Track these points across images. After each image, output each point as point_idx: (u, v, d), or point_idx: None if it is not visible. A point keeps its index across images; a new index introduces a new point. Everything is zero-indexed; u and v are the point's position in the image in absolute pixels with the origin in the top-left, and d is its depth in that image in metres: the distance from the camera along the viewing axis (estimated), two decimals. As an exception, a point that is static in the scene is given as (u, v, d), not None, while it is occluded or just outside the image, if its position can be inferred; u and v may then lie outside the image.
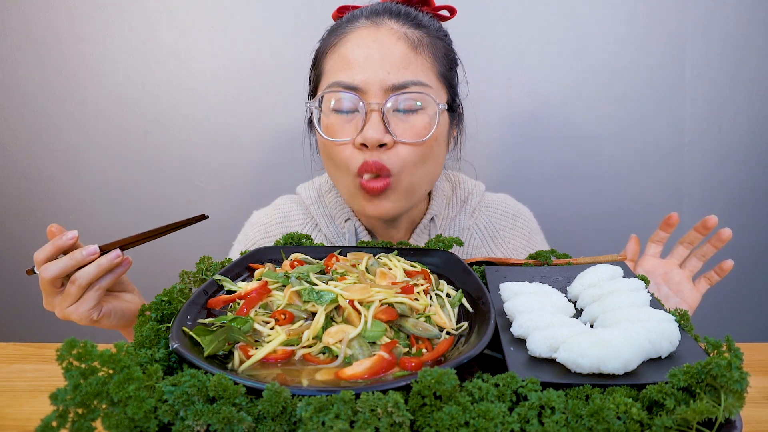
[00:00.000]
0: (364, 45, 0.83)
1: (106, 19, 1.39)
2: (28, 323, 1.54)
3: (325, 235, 1.00)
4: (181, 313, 0.58)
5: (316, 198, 1.03)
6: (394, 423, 0.42)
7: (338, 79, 0.83)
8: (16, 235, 1.49)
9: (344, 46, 0.85)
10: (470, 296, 0.66)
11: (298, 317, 0.59)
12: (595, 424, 0.42)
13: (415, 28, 0.86)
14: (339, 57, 0.85)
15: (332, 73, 0.85)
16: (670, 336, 0.51)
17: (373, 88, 0.81)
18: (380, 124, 0.81)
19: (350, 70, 0.82)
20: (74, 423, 0.41)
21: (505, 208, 1.08)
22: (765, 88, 1.40)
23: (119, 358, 0.43)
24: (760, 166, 1.44)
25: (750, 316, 1.51)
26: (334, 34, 0.88)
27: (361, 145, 0.82)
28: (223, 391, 0.43)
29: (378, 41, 0.83)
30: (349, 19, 0.88)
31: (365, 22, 0.86)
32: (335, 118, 0.84)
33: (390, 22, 0.85)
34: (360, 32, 0.85)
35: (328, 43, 0.89)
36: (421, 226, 0.99)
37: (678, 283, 0.95)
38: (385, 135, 0.81)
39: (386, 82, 0.81)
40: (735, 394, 0.42)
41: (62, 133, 1.44)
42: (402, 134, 0.82)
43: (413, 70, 0.83)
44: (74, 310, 0.74)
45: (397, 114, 0.83)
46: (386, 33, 0.83)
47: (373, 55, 0.82)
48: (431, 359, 0.54)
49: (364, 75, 0.81)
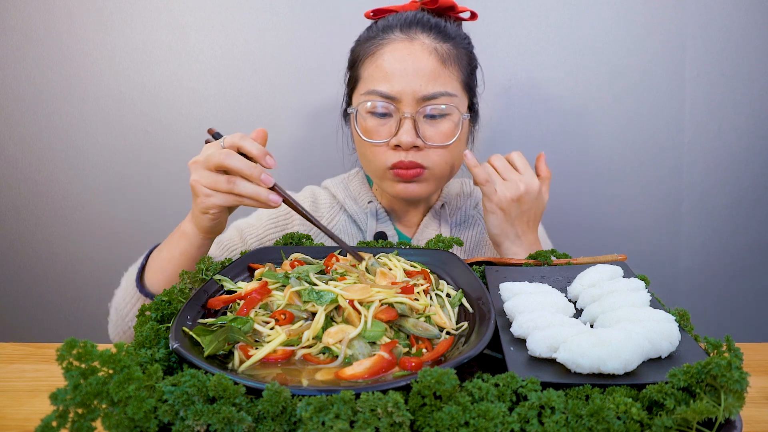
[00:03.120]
0: (400, 58, 0.94)
1: (106, 19, 1.39)
2: (28, 323, 1.54)
3: (349, 215, 1.10)
4: (181, 313, 0.58)
5: (342, 185, 1.14)
6: (394, 423, 0.42)
7: (376, 88, 0.94)
8: (16, 235, 1.49)
9: (381, 57, 0.95)
10: (470, 296, 0.66)
11: (298, 317, 0.59)
12: (595, 424, 0.42)
13: (444, 41, 0.97)
14: (377, 67, 0.96)
15: (370, 81, 0.96)
16: (670, 336, 0.51)
17: (406, 98, 0.93)
18: (412, 130, 0.94)
19: (387, 81, 0.94)
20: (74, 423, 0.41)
21: None
22: (765, 88, 1.40)
23: (119, 358, 0.43)
24: (759, 166, 1.44)
25: (750, 316, 1.51)
26: (371, 43, 0.98)
27: (396, 146, 0.95)
28: (223, 391, 0.43)
29: (412, 55, 0.94)
30: (383, 29, 0.98)
31: (400, 35, 0.96)
32: (371, 120, 0.96)
33: (422, 36, 0.96)
34: (395, 45, 0.95)
35: (365, 50, 0.99)
36: (433, 211, 1.11)
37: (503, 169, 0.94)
38: (417, 139, 0.94)
39: (418, 93, 0.93)
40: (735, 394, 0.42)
41: (62, 133, 1.44)
42: (430, 138, 0.95)
43: (442, 82, 0.94)
44: (207, 193, 0.77)
45: (426, 120, 0.95)
46: (419, 47, 0.94)
47: (408, 68, 0.93)
48: (431, 359, 0.54)
49: (400, 86, 0.93)
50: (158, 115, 1.43)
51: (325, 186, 1.16)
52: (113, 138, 1.44)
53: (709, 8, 1.37)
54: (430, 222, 1.09)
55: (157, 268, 0.87)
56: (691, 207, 1.46)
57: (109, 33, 1.39)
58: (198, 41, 1.40)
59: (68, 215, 1.47)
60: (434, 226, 1.09)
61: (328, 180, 1.17)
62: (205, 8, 1.38)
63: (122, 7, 1.38)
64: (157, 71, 1.41)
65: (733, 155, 1.43)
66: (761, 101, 1.41)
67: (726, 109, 1.41)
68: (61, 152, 1.45)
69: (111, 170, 1.46)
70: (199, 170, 0.77)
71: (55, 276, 1.51)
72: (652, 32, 1.38)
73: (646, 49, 1.39)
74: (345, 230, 1.08)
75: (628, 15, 1.38)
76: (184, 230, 0.85)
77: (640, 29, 1.38)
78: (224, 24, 1.39)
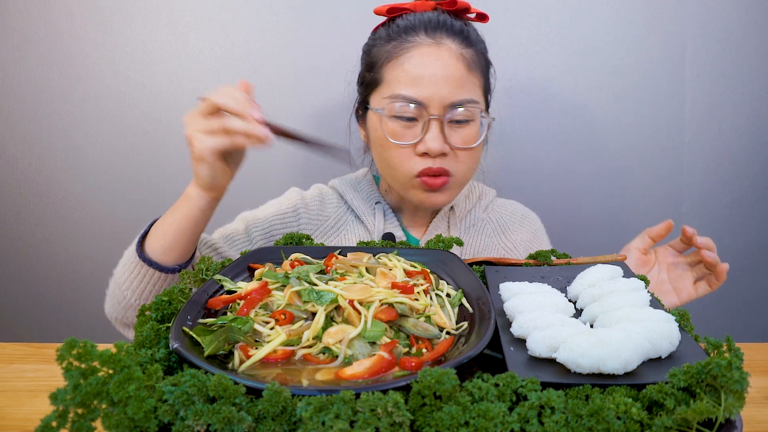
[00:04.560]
0: (429, 64, 0.93)
1: (106, 19, 1.39)
2: (28, 323, 1.54)
3: (356, 215, 1.08)
4: (181, 313, 0.58)
5: (350, 186, 1.13)
6: (394, 423, 0.42)
7: (404, 93, 0.93)
8: (16, 235, 1.49)
9: (408, 61, 0.94)
10: (470, 296, 0.66)
11: (298, 317, 0.59)
12: (595, 424, 0.42)
13: (468, 47, 0.97)
14: (403, 71, 0.94)
15: (396, 84, 0.94)
16: (670, 336, 0.51)
17: (434, 103, 0.92)
18: (440, 135, 0.93)
19: (415, 86, 0.92)
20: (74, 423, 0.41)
21: (515, 209, 1.20)
22: (765, 87, 1.40)
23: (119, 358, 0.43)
24: (760, 166, 1.44)
25: (750, 316, 1.51)
26: (394, 44, 0.96)
27: (423, 154, 0.94)
28: (223, 391, 0.43)
29: (440, 61, 0.93)
30: (406, 31, 0.96)
31: (426, 39, 0.95)
32: (396, 124, 0.95)
33: (448, 41, 0.95)
34: (423, 50, 0.94)
35: (388, 52, 0.97)
36: (442, 213, 1.10)
37: (679, 276, 0.98)
38: (444, 145, 0.93)
39: (446, 99, 0.92)
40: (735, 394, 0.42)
41: (62, 133, 1.44)
42: (456, 142, 0.95)
43: (468, 89, 0.95)
44: (200, 138, 0.77)
45: (451, 125, 0.95)
46: (447, 53, 0.94)
47: (437, 74, 0.92)
48: (431, 359, 0.54)
49: (428, 92, 0.92)
50: (158, 115, 1.43)
51: (332, 185, 1.15)
52: (113, 138, 1.44)
53: (709, 8, 1.37)
54: (439, 224, 1.08)
55: (159, 233, 0.84)
56: (691, 207, 1.46)
57: (109, 33, 1.39)
58: (198, 41, 1.40)
59: (68, 215, 1.47)
60: (443, 228, 1.08)
61: (335, 179, 1.16)
62: (205, 8, 1.38)
63: (122, 7, 1.38)
64: (157, 71, 1.41)
65: (733, 155, 1.43)
66: (761, 101, 1.41)
67: (726, 109, 1.41)
68: (61, 152, 1.45)
69: (111, 170, 1.46)
70: (193, 119, 0.78)
71: (55, 276, 1.51)
72: (652, 32, 1.38)
73: (646, 49, 1.39)
74: (352, 230, 1.07)
75: (628, 15, 1.38)
76: (187, 193, 0.84)
77: (640, 29, 1.38)
78: (224, 24, 1.39)
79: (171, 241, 0.83)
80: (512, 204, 1.21)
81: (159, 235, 0.84)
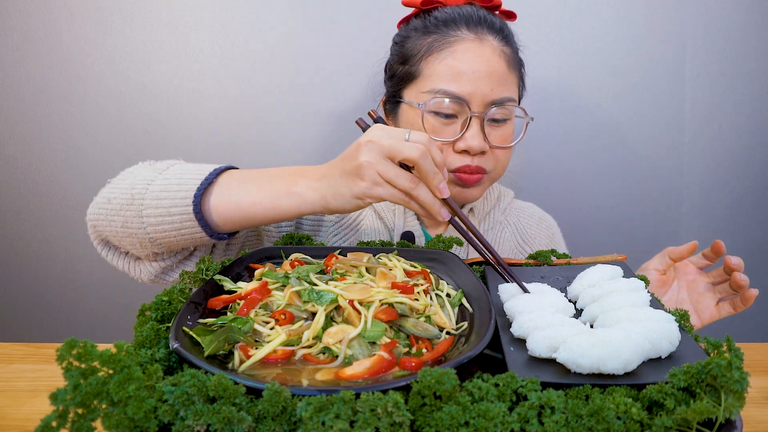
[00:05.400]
0: (473, 60, 0.91)
1: (106, 19, 1.39)
2: (28, 323, 1.54)
3: (376, 212, 1.05)
4: (181, 313, 0.58)
5: None
6: (394, 423, 0.42)
7: (447, 88, 0.91)
8: (16, 235, 1.49)
9: (452, 55, 0.92)
10: (470, 296, 0.66)
11: (298, 317, 0.59)
12: (595, 424, 0.42)
13: (506, 44, 0.96)
14: (447, 66, 0.92)
15: (438, 79, 0.92)
16: (670, 336, 0.51)
17: (477, 100, 0.91)
18: (480, 133, 0.92)
19: (459, 82, 0.91)
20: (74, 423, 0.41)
21: (533, 211, 1.19)
22: (765, 88, 1.40)
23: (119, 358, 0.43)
24: (760, 166, 1.44)
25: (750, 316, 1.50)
26: (435, 37, 0.94)
27: (462, 151, 0.93)
28: (223, 391, 0.43)
29: (484, 57, 0.92)
30: (447, 24, 0.94)
31: (469, 35, 0.93)
32: (435, 120, 0.93)
33: (490, 38, 0.94)
34: (466, 45, 0.92)
35: (429, 45, 0.94)
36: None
37: (700, 294, 0.92)
38: (484, 143, 0.92)
39: (488, 96, 0.91)
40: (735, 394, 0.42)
41: (62, 133, 1.44)
42: (494, 140, 0.94)
43: (508, 87, 0.94)
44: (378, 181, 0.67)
45: (490, 123, 0.94)
46: (490, 50, 0.93)
47: (481, 70, 0.91)
48: (431, 359, 0.54)
49: (472, 88, 0.90)
50: (158, 115, 1.43)
51: None
52: (113, 138, 1.44)
53: (709, 8, 1.37)
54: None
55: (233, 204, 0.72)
56: (691, 207, 1.46)
57: (109, 33, 1.39)
58: (198, 41, 1.40)
59: (68, 215, 1.47)
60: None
61: None
62: (205, 8, 1.38)
63: (122, 7, 1.38)
64: (157, 71, 1.41)
65: (733, 155, 1.43)
66: (761, 101, 1.41)
67: (726, 109, 1.41)
68: (61, 152, 1.45)
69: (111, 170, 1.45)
70: (378, 155, 0.67)
71: (55, 276, 1.51)
72: (652, 32, 1.38)
73: (646, 49, 1.39)
74: (372, 228, 1.04)
75: (628, 15, 1.38)
76: (297, 191, 0.72)
77: (640, 29, 1.38)
78: (224, 24, 1.39)
79: (246, 217, 0.73)
80: (530, 207, 1.20)
81: (233, 205, 0.73)
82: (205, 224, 0.73)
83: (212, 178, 0.73)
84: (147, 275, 0.84)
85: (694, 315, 0.91)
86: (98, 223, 0.79)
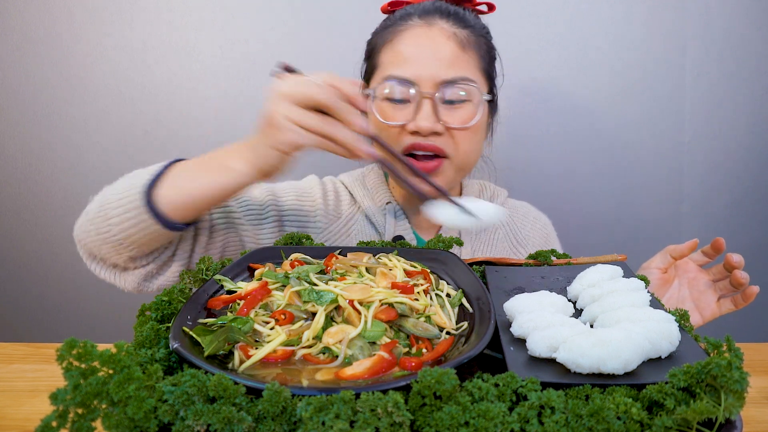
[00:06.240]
0: (419, 43, 0.92)
1: (106, 19, 1.39)
2: (28, 323, 1.54)
3: (366, 216, 1.05)
4: (181, 313, 0.58)
5: (359, 183, 1.09)
6: (394, 423, 0.42)
7: (393, 73, 0.92)
8: (16, 235, 1.49)
9: (400, 43, 0.93)
10: (470, 296, 0.66)
11: (298, 317, 0.59)
12: (595, 424, 0.42)
13: (463, 28, 0.95)
14: (394, 53, 0.93)
15: (387, 66, 0.94)
16: (670, 336, 0.51)
17: (425, 82, 0.90)
18: (432, 114, 0.90)
19: (405, 65, 0.91)
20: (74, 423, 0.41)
21: (527, 211, 1.17)
22: (765, 88, 1.40)
23: (119, 358, 0.43)
24: (760, 166, 1.44)
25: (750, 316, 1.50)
26: (388, 31, 0.96)
27: (413, 132, 0.91)
28: (223, 391, 0.43)
29: (431, 39, 0.92)
30: (402, 17, 0.96)
31: (418, 21, 0.94)
32: (388, 106, 0.93)
33: (441, 22, 0.94)
34: (414, 31, 0.93)
35: (382, 38, 0.97)
36: None
37: (701, 292, 0.92)
38: (436, 123, 0.90)
39: (437, 77, 0.90)
40: (735, 394, 0.42)
41: (62, 133, 1.44)
42: (451, 122, 0.92)
43: (461, 67, 0.92)
44: (293, 129, 0.66)
45: (446, 105, 0.92)
46: (438, 32, 0.92)
47: (426, 52, 0.91)
48: (431, 359, 0.54)
49: (418, 70, 0.90)
50: (158, 115, 1.43)
51: (341, 181, 1.11)
52: (113, 138, 1.44)
53: (710, 9, 1.37)
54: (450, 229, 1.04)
55: (178, 189, 0.74)
56: (691, 207, 1.46)
57: (109, 33, 1.39)
58: (198, 41, 1.40)
59: (68, 215, 1.47)
60: (454, 232, 1.04)
61: (344, 174, 1.12)
62: (205, 8, 1.39)
63: (122, 7, 1.38)
64: (157, 71, 1.41)
65: (733, 155, 1.43)
66: (761, 101, 1.41)
67: (726, 109, 1.41)
68: (61, 152, 1.45)
69: (111, 170, 1.45)
70: (286, 103, 0.67)
71: (55, 276, 1.51)
72: (652, 32, 1.38)
73: (646, 49, 1.39)
74: (362, 231, 1.03)
75: (628, 15, 1.38)
76: (229, 165, 0.72)
77: (640, 29, 1.38)
78: (224, 24, 1.39)
79: (191, 202, 0.74)
80: (524, 206, 1.18)
81: (178, 191, 0.74)
82: (158, 215, 0.74)
83: (160, 171, 0.76)
84: (131, 284, 0.86)
85: (695, 312, 0.91)
86: (81, 236, 0.82)
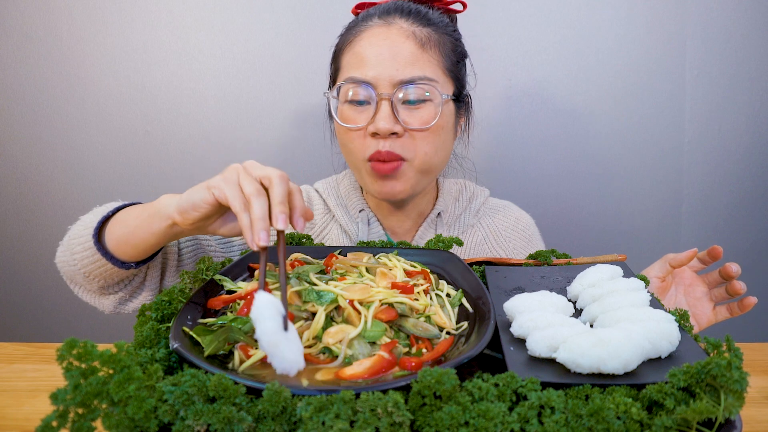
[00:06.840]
0: (376, 44, 0.90)
1: (106, 19, 1.39)
2: (28, 323, 1.54)
3: (340, 225, 1.04)
4: (181, 313, 0.58)
5: (333, 190, 1.09)
6: (394, 423, 0.42)
7: (352, 75, 0.91)
8: (16, 235, 1.49)
9: (358, 44, 0.92)
10: (470, 296, 0.66)
11: (298, 317, 0.59)
12: (594, 424, 0.42)
13: (424, 26, 0.93)
14: (354, 54, 0.92)
15: (347, 68, 0.93)
16: (670, 336, 0.51)
17: (383, 82, 0.89)
18: (390, 115, 0.88)
19: (363, 67, 0.90)
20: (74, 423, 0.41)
21: (508, 212, 1.13)
22: (765, 88, 1.40)
23: (119, 358, 0.43)
24: (760, 166, 1.44)
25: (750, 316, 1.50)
26: (350, 33, 0.95)
27: (374, 134, 0.90)
28: (224, 391, 0.43)
29: (389, 40, 0.90)
30: (363, 18, 0.95)
31: (378, 21, 0.93)
32: (349, 108, 0.92)
33: (400, 21, 0.92)
34: (372, 31, 0.92)
35: (345, 40, 0.96)
36: (429, 221, 1.04)
37: (697, 299, 0.92)
38: (395, 125, 0.89)
39: (395, 77, 0.88)
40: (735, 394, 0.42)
41: (62, 133, 1.44)
42: (411, 123, 0.90)
43: (420, 66, 0.90)
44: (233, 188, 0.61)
45: (405, 105, 0.90)
46: (396, 32, 0.91)
47: (384, 53, 0.89)
48: (431, 359, 0.54)
49: (375, 71, 0.89)
50: (158, 115, 1.43)
51: (316, 188, 1.11)
52: (113, 138, 1.44)
53: (710, 8, 1.37)
54: (426, 233, 1.03)
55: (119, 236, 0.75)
56: (691, 207, 1.46)
57: (109, 33, 1.39)
58: (198, 41, 1.40)
59: (68, 215, 1.47)
60: (430, 236, 1.03)
61: (319, 182, 1.12)
62: (205, 8, 1.39)
63: (122, 7, 1.38)
64: (157, 71, 1.41)
65: (733, 155, 1.43)
66: (761, 101, 1.41)
67: (726, 109, 1.41)
68: (61, 152, 1.45)
69: (111, 170, 1.46)
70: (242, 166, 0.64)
71: (55, 276, 1.50)
72: (652, 32, 1.38)
73: (646, 49, 1.39)
74: (336, 240, 1.03)
75: (628, 15, 1.38)
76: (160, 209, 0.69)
77: (640, 29, 1.38)
78: (224, 24, 1.39)
79: (132, 245, 0.74)
80: (506, 206, 1.14)
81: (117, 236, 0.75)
82: (109, 256, 0.77)
83: (109, 214, 0.79)
84: (108, 308, 0.89)
85: (691, 320, 0.91)
86: (59, 263, 0.87)
